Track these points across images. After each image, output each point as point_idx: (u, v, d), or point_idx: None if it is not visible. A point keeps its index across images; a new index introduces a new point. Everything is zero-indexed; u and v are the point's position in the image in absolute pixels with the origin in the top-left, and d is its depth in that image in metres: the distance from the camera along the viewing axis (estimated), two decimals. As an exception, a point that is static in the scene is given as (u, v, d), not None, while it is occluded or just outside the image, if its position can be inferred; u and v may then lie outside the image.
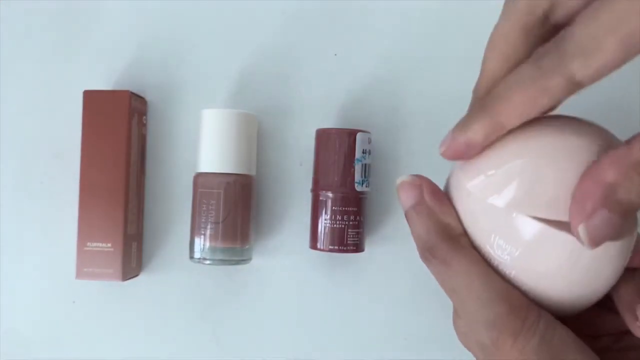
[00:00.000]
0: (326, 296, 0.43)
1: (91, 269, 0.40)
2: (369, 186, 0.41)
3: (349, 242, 0.40)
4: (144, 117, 0.44)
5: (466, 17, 0.43)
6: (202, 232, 0.40)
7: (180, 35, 0.44)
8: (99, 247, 0.40)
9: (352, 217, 0.40)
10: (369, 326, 0.43)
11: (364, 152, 0.41)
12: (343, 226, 0.40)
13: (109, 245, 0.40)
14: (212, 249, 0.40)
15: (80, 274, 0.41)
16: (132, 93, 0.41)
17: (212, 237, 0.40)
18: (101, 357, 0.44)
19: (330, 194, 0.40)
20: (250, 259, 0.42)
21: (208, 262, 0.40)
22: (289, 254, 0.44)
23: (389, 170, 0.44)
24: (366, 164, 0.41)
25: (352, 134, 0.40)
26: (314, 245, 0.41)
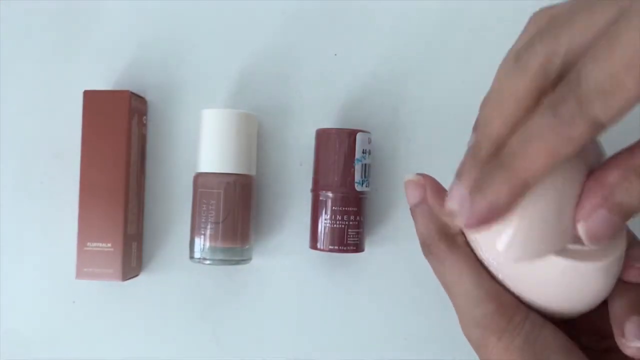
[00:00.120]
0: (326, 296, 0.43)
1: (91, 269, 0.40)
2: (369, 186, 0.41)
3: (349, 242, 0.40)
4: (144, 117, 0.44)
5: (466, 17, 0.43)
6: (202, 232, 0.40)
7: (180, 35, 0.44)
8: (99, 247, 0.40)
9: (352, 217, 0.40)
10: (369, 326, 0.43)
11: (364, 152, 0.41)
12: (343, 226, 0.40)
13: (109, 245, 0.40)
14: (212, 249, 0.40)
15: (80, 274, 0.41)
16: (132, 93, 0.41)
17: (212, 237, 0.40)
18: (101, 357, 0.44)
19: (330, 194, 0.40)
20: (250, 259, 0.42)
21: (208, 262, 0.40)
22: (289, 254, 0.44)
23: (389, 170, 0.44)
24: (366, 164, 0.41)
25: (352, 134, 0.40)
26: (314, 245, 0.41)
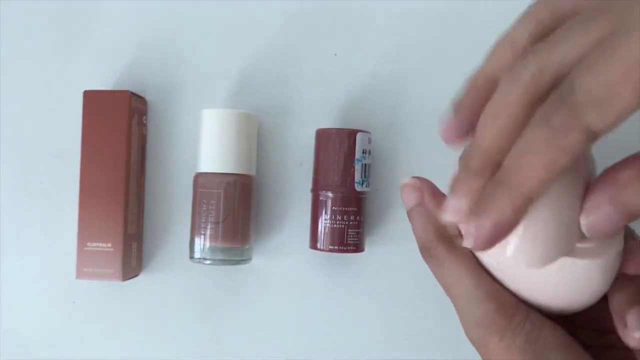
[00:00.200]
0: (326, 296, 0.43)
1: (91, 269, 0.40)
2: (369, 186, 0.41)
3: (349, 242, 0.40)
4: (144, 117, 0.44)
5: (466, 17, 0.43)
6: (202, 232, 0.40)
7: (180, 35, 0.44)
8: (99, 247, 0.40)
9: (352, 217, 0.40)
10: (369, 326, 0.43)
11: (364, 152, 0.41)
12: (343, 226, 0.40)
13: (109, 245, 0.40)
14: (212, 249, 0.40)
15: (80, 274, 0.41)
16: (132, 93, 0.41)
17: (212, 237, 0.40)
18: (101, 357, 0.44)
19: (330, 194, 0.40)
20: (250, 259, 0.42)
21: (208, 262, 0.40)
22: (289, 254, 0.44)
23: (389, 170, 0.44)
24: (366, 164, 0.41)
25: (352, 134, 0.40)
26: (314, 245, 0.41)
